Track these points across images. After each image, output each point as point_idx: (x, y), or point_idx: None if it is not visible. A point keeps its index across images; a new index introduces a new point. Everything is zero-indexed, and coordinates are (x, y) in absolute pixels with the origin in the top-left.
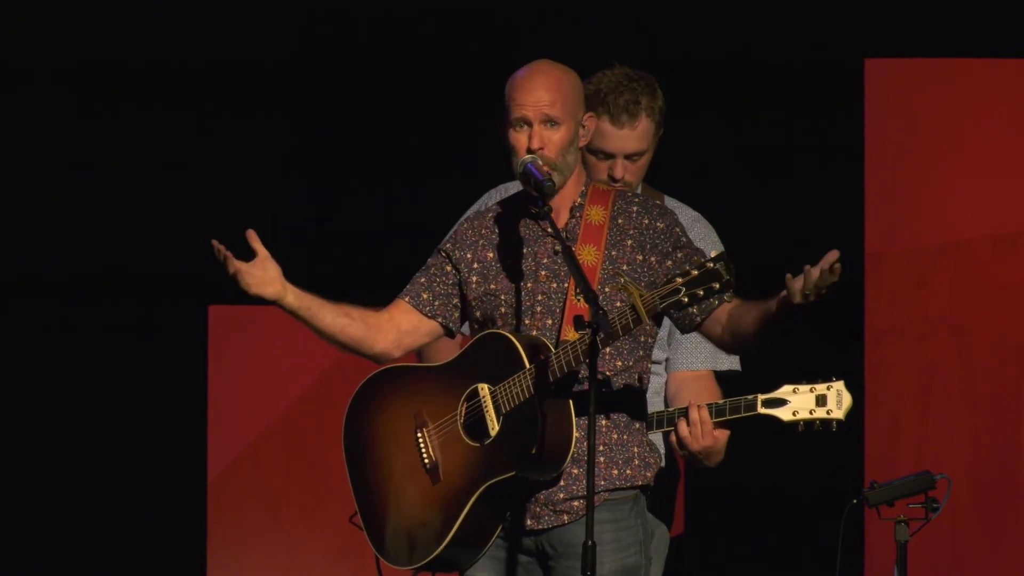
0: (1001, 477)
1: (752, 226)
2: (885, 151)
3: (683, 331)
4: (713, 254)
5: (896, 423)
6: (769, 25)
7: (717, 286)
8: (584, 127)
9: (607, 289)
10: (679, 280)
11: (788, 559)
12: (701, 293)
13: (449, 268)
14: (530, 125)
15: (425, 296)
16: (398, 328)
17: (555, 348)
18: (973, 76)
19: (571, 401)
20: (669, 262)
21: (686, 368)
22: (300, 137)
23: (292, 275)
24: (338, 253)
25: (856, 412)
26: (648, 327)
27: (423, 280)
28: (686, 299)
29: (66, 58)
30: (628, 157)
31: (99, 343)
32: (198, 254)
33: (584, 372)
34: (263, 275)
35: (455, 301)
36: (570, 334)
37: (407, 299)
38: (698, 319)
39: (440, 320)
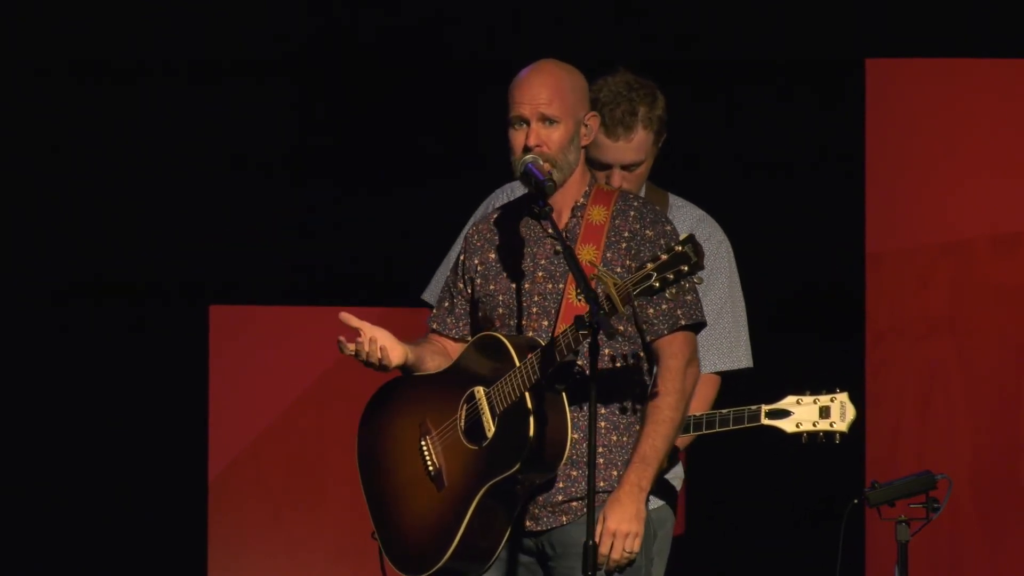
0: (1002, 477)
1: (752, 226)
2: (885, 151)
3: (648, 337)
4: (682, 237)
5: (897, 423)
6: (769, 25)
7: (686, 268)
8: (587, 126)
9: (600, 290)
10: (650, 266)
11: (789, 559)
12: (671, 276)
13: (462, 285)
14: (527, 123)
15: (450, 320)
16: (452, 353)
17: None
18: (973, 76)
19: (565, 397)
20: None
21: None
22: (301, 137)
23: (294, 276)
24: (340, 253)
25: (857, 412)
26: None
27: (447, 304)
28: (657, 284)
29: (67, 56)
30: (625, 167)
31: (100, 343)
32: (199, 254)
33: (578, 370)
34: (392, 345)
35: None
36: None
37: (435, 325)
38: (663, 332)
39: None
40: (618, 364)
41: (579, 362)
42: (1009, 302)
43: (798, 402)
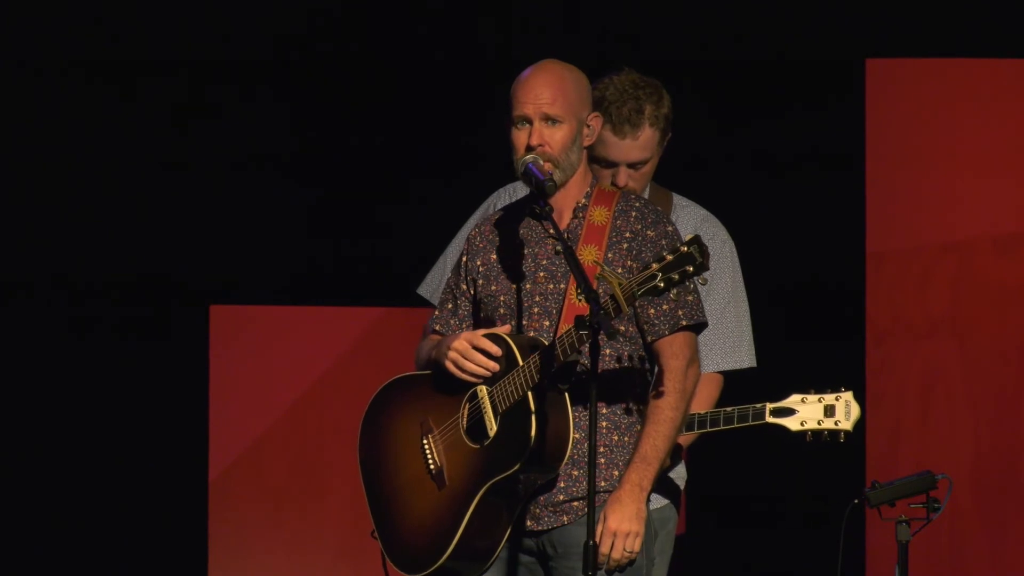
0: (1002, 477)
1: (753, 226)
2: (886, 151)
3: (649, 338)
4: (687, 237)
5: (897, 423)
6: (770, 25)
7: (691, 269)
8: (589, 127)
9: (601, 289)
10: (655, 266)
11: (790, 559)
12: (676, 277)
13: (465, 286)
14: (530, 123)
15: (453, 322)
16: None
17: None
18: (973, 76)
19: (567, 397)
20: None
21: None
22: (302, 137)
23: (293, 275)
24: (340, 253)
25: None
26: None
27: (450, 306)
28: (662, 284)
29: (66, 56)
30: (631, 166)
31: (101, 343)
32: (199, 254)
33: (581, 369)
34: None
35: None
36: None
37: (437, 327)
38: (664, 332)
39: None
40: (619, 364)
41: (582, 361)
42: (1009, 302)
43: (803, 400)
